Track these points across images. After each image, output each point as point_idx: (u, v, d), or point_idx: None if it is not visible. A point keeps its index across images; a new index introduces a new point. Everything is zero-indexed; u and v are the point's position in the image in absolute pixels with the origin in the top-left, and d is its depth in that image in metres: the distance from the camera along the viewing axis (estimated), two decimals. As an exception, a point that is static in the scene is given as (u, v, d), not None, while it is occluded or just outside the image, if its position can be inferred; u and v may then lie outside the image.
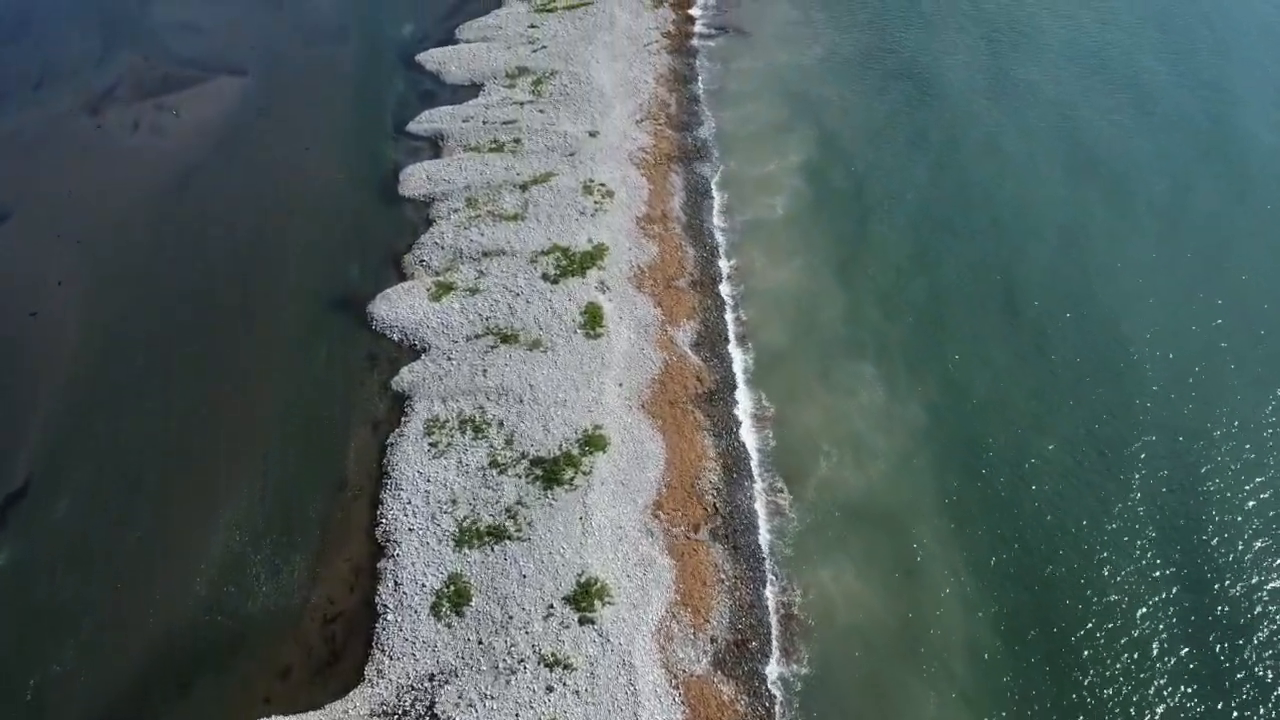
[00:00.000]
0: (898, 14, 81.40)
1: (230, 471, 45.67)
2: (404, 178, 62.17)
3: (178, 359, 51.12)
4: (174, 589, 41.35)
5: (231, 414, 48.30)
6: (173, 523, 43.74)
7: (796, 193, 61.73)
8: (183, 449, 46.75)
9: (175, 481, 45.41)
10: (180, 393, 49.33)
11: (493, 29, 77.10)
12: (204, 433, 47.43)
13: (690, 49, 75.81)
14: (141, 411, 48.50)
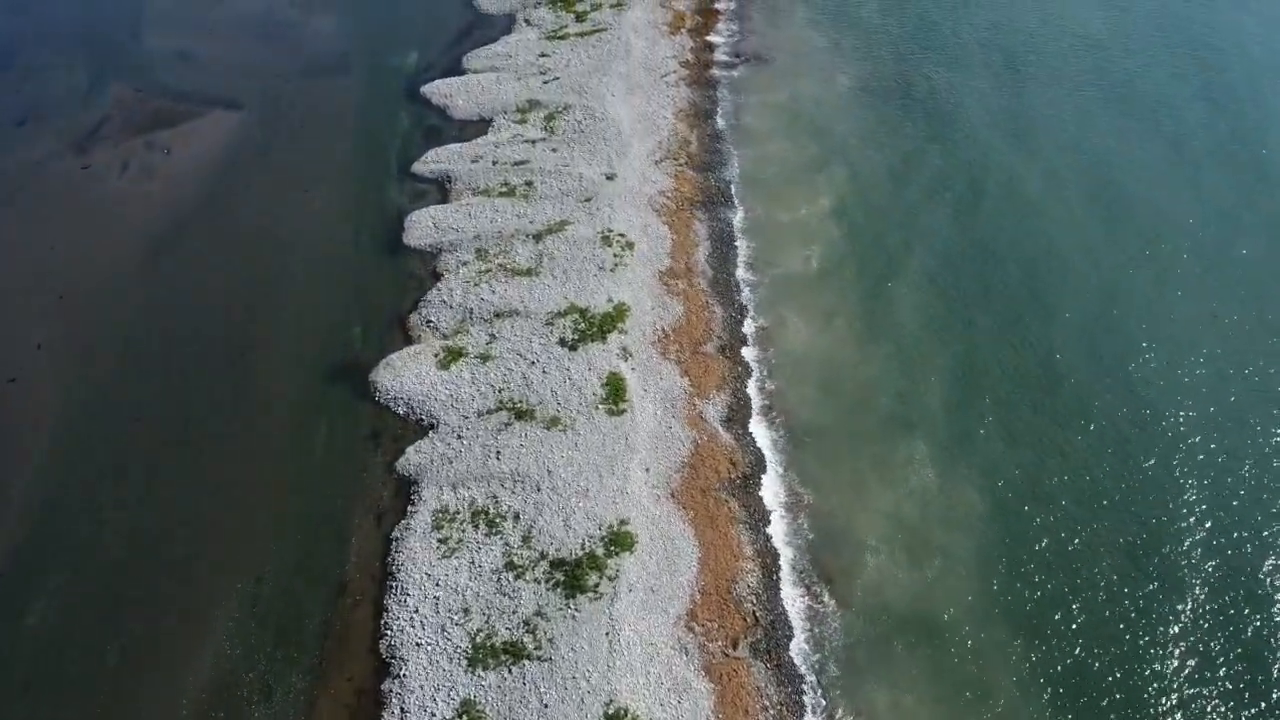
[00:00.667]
0: (920, 41, 76.31)
1: (221, 573, 40.98)
2: (409, 225, 57.33)
3: (165, 438, 46.42)
4: (158, 716, 36.75)
5: (223, 504, 43.61)
6: (157, 634, 39.09)
7: (827, 242, 56.86)
8: (169, 546, 42.06)
9: (160, 585, 40.72)
10: (167, 479, 44.62)
11: (502, 58, 72.14)
12: (192, 526, 42.74)
13: (710, 79, 70.83)
14: (124, 501, 43.82)
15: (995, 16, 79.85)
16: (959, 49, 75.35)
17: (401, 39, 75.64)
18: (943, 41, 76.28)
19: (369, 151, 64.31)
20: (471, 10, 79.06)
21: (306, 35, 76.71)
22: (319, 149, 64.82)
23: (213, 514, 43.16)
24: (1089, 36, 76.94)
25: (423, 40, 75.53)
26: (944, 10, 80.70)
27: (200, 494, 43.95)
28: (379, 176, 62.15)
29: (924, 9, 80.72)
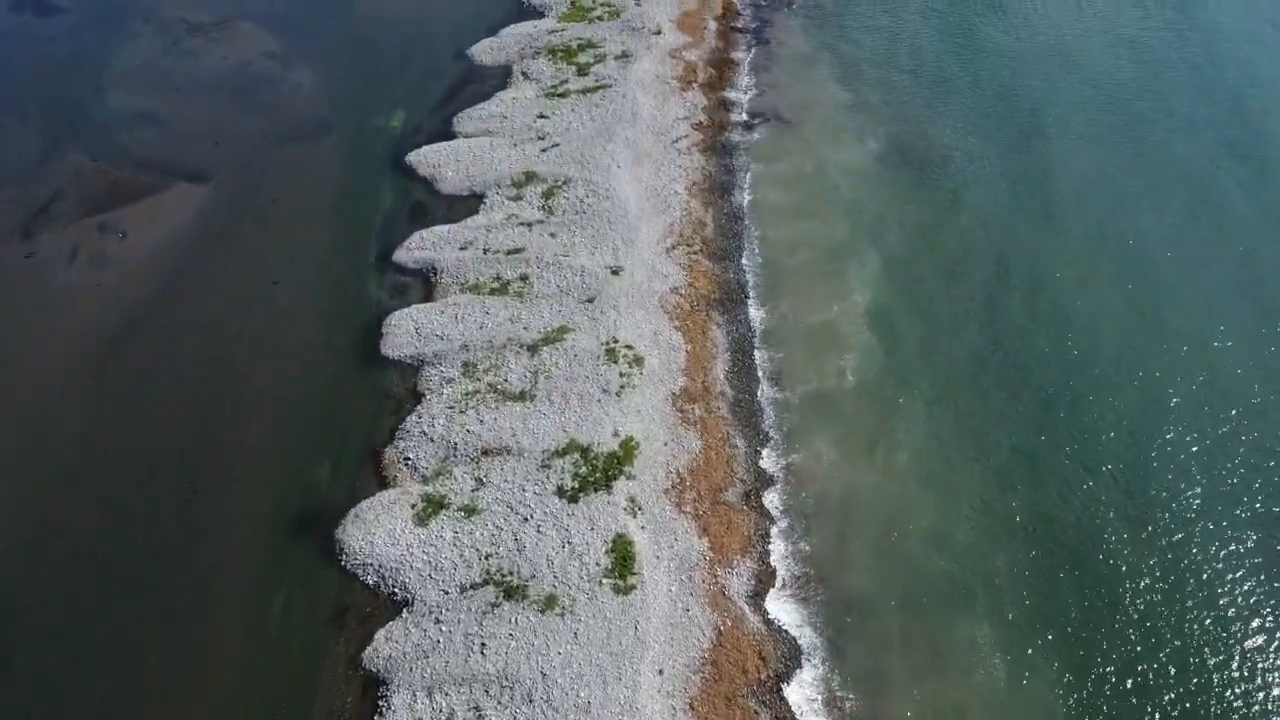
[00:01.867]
0: (956, 96, 67.61)
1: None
2: (388, 330, 49.06)
3: (96, 620, 38.28)
4: None
5: (161, 708, 35.56)
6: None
7: (862, 350, 48.47)
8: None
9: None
10: (95, 676, 36.54)
11: (496, 119, 63.61)
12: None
13: (726, 145, 62.24)
14: (47, 700, 35.80)
15: (1022, 67, 71.16)
16: (991, 105, 66.63)
17: (388, 95, 67.15)
18: (977, 97, 67.58)
19: (347, 234, 55.97)
20: (465, 62, 70.50)
21: (285, 92, 68.21)
22: (291, 230, 56.49)
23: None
24: (1114, 93, 68.23)
25: (411, 97, 67.04)
26: (974, 60, 72.04)
27: (121, 693, 35.87)
28: (357, 265, 53.83)
29: (949, 61, 72.03)
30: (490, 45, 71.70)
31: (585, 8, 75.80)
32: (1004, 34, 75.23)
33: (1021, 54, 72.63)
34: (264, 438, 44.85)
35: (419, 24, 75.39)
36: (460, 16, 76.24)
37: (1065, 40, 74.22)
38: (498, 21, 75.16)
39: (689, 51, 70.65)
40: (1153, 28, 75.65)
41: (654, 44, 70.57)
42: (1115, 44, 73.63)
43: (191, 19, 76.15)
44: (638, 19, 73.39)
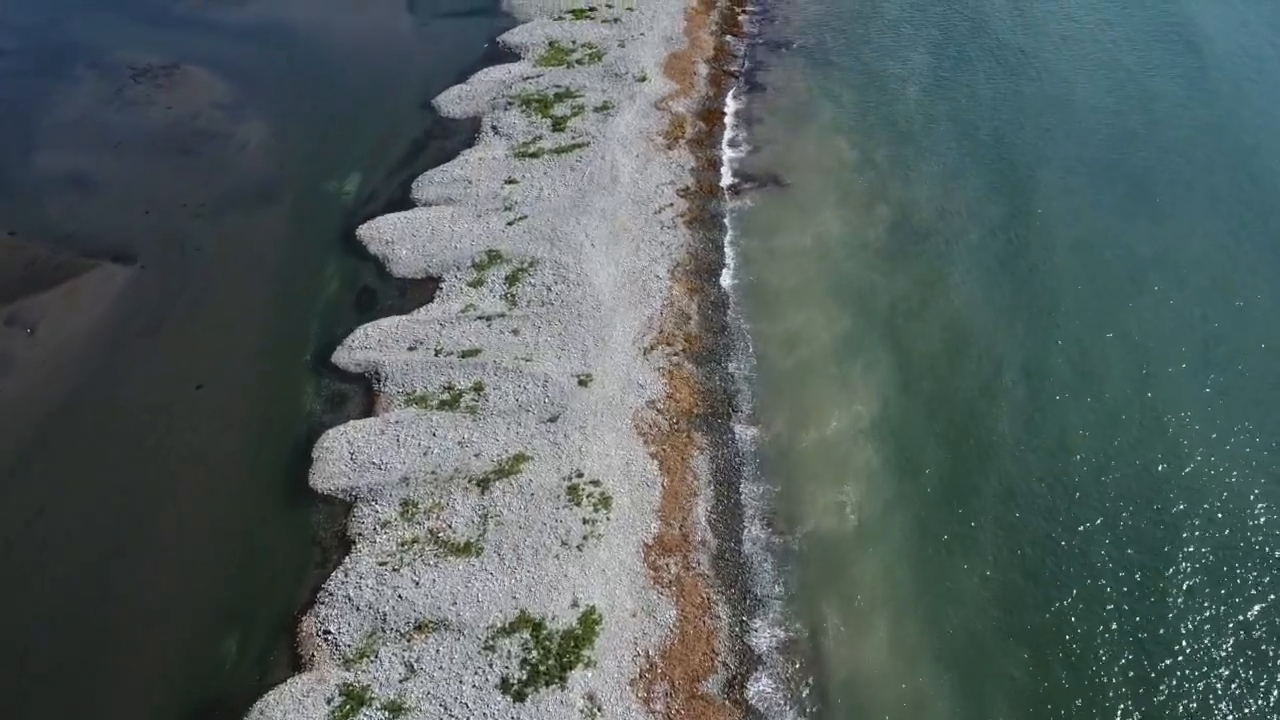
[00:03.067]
0: (976, 152, 59.20)
1: None
2: (319, 455, 41.12)
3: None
4: None
5: None
6: None
7: (868, 479, 40.35)
8: None
9: None
10: None
11: (459, 184, 55.44)
12: None
13: (715, 214, 53.96)
14: None
15: (1055, 119, 62.65)
16: (1016, 163, 58.22)
17: (344, 153, 59.06)
18: (1000, 153, 59.15)
19: (284, 327, 47.98)
20: (430, 113, 62.32)
21: (231, 151, 60.08)
22: (223, 322, 48.52)
23: None
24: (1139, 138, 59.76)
25: (369, 155, 58.93)
26: (994, 108, 63.57)
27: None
28: (292, 368, 45.85)
29: (966, 108, 63.55)
30: (459, 94, 63.49)
31: (565, 50, 67.49)
32: (1030, 81, 66.66)
33: (1056, 103, 64.06)
34: (166, 597, 37.05)
35: (385, 68, 67.26)
36: (430, 59, 68.11)
37: (1099, 87, 65.68)
38: (470, 65, 67.00)
39: (676, 101, 62.27)
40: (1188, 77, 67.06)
41: (638, 93, 62.24)
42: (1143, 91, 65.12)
43: (139, 62, 68.08)
44: (621, 63, 65.08)
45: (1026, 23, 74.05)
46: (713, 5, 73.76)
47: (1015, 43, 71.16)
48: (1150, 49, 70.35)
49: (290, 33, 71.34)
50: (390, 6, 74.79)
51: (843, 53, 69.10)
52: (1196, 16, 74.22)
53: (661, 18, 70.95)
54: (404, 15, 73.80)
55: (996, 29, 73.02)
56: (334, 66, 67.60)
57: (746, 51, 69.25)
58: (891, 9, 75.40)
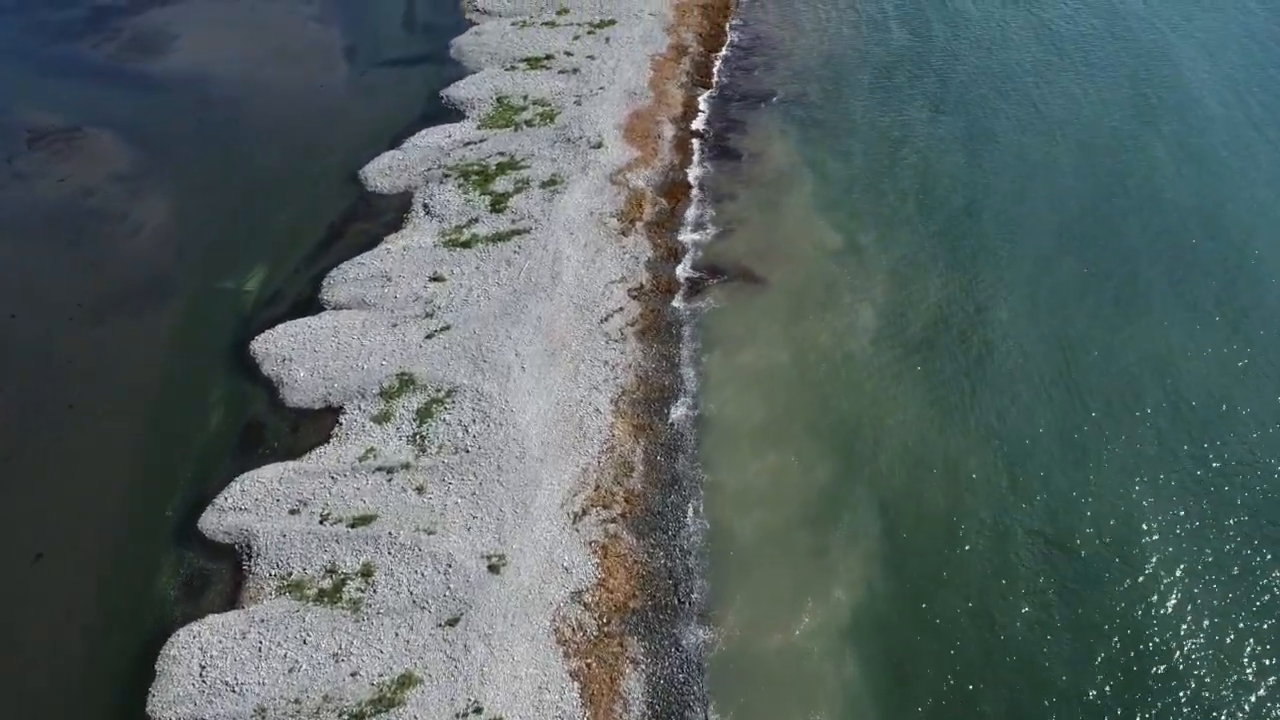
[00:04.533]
0: (980, 235, 49.37)
1: None
2: (164, 669, 31.76)
3: None
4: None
5: None
6: None
7: (847, 705, 30.83)
8: None
9: None
10: None
11: (377, 281, 45.86)
12: None
13: (672, 321, 44.24)
14: None
15: (1074, 188, 52.77)
16: (1027, 245, 48.43)
17: (252, 239, 49.52)
18: (1008, 235, 49.32)
19: (152, 473, 38.55)
20: (355, 188, 52.68)
21: (122, 235, 50.50)
22: (81, 466, 39.09)
23: None
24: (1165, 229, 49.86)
25: (280, 242, 49.35)
26: (1001, 174, 53.68)
27: None
28: (151, 534, 36.44)
29: (968, 178, 53.66)
30: (391, 163, 53.79)
31: (514, 107, 57.68)
32: (1040, 136, 56.68)
33: (1074, 172, 54.14)
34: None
35: (311, 130, 57.56)
36: (363, 119, 58.38)
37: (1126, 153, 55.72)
38: (407, 126, 57.27)
39: (636, 172, 52.44)
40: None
41: (592, 163, 52.48)
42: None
43: (39, 124, 58.50)
44: (575, 125, 55.26)
45: (1030, 67, 64.00)
46: (684, 52, 63.77)
47: (1020, 91, 61.14)
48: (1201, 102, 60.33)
49: (210, 86, 61.64)
50: (325, 55, 65.03)
51: (828, 108, 59.14)
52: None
53: (625, 67, 61.04)
54: (339, 65, 64.04)
55: (999, 75, 62.98)
56: (254, 128, 57.93)
57: (719, 108, 59.30)
58: (883, 54, 65.36)
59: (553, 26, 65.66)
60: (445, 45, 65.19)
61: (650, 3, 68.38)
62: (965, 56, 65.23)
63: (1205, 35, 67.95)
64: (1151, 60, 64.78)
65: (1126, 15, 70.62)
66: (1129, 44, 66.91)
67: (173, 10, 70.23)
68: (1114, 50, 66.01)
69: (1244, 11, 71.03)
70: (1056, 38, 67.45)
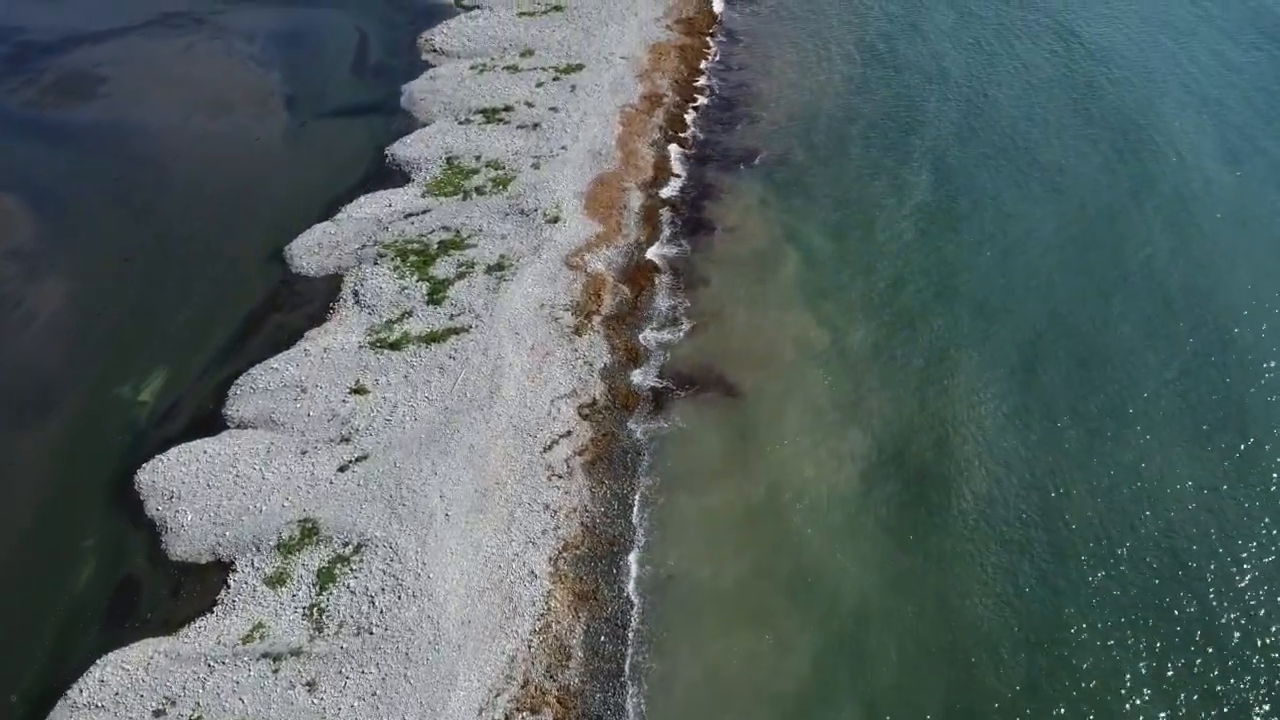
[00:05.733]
0: (991, 330, 41.98)
1: None
2: None
3: None
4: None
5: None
6: None
7: None
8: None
9: None
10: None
11: (290, 393, 38.52)
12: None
13: (629, 448, 36.84)
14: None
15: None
16: (1044, 347, 41.09)
17: (156, 333, 42.15)
18: (1023, 332, 41.96)
19: (3, 650, 31.45)
20: (279, 269, 45.29)
21: (12, 328, 43.05)
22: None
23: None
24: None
25: (187, 337, 41.99)
26: (1019, 252, 46.25)
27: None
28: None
29: (975, 261, 46.23)
30: (322, 238, 46.38)
31: (464, 170, 50.19)
32: (1047, 205, 49.21)
33: (1097, 244, 46.73)
34: None
35: (238, 193, 50.09)
36: (297, 181, 50.92)
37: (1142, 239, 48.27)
38: (345, 190, 49.87)
39: (596, 252, 45.00)
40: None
41: (546, 241, 45.06)
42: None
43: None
44: (531, 194, 47.79)
45: (1028, 117, 56.46)
46: (657, 103, 56.10)
47: (1020, 149, 53.64)
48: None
49: (134, 140, 54.10)
50: (263, 102, 57.37)
51: (816, 170, 51.63)
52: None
53: (591, 121, 53.44)
54: (278, 115, 56.37)
55: (996, 128, 55.44)
56: (175, 191, 50.47)
57: (694, 170, 51.75)
58: (872, 103, 57.73)
59: (515, 72, 57.99)
60: (396, 92, 57.55)
61: (623, 44, 60.68)
62: (959, 108, 57.62)
63: (1208, 85, 60.27)
64: (1151, 113, 57.14)
65: (1136, 62, 62.94)
66: (1131, 91, 59.25)
67: (104, 49, 62.50)
68: (1116, 102, 58.30)
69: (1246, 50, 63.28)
70: (1053, 85, 59.79)
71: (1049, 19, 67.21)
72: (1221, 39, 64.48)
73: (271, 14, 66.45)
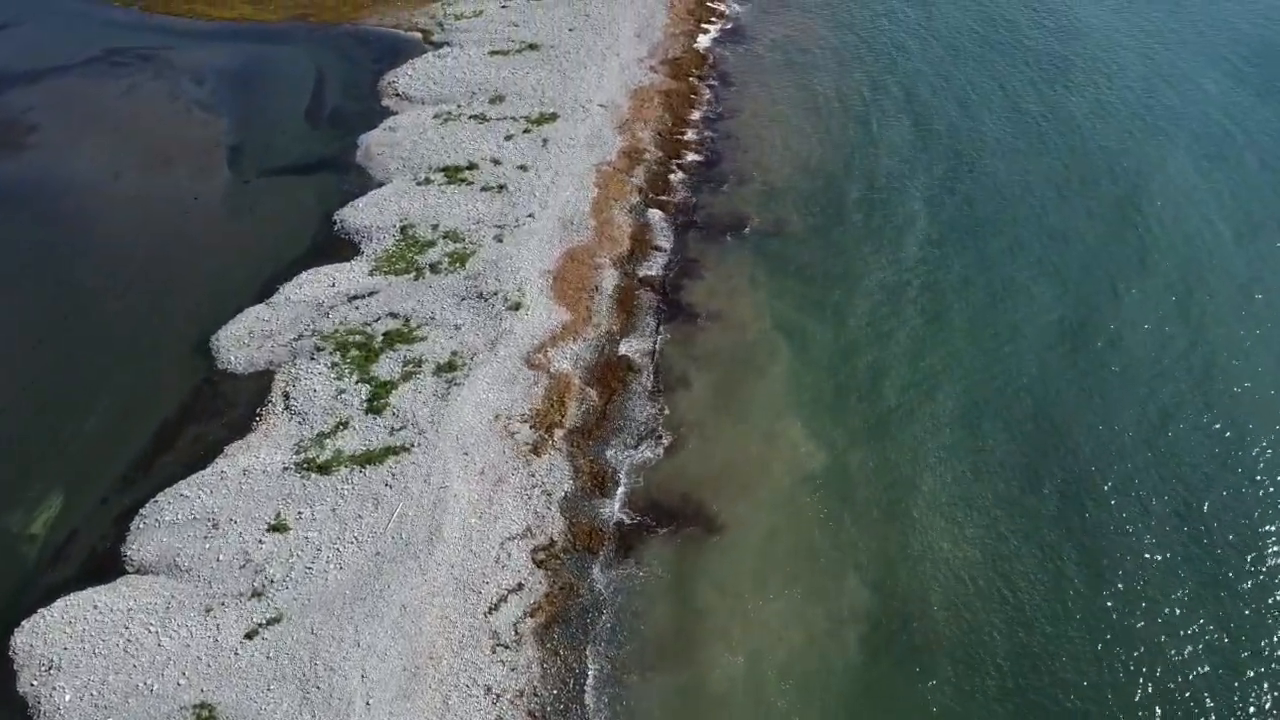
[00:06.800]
0: (1019, 451, 35.83)
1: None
2: None
3: None
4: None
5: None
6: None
7: None
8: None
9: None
10: None
11: (200, 529, 32.43)
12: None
13: (589, 604, 30.61)
14: None
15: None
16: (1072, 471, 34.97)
17: (52, 447, 36.07)
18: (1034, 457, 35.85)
19: None
20: (204, 364, 39.14)
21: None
22: None
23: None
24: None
25: (93, 448, 35.99)
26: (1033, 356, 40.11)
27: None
28: None
29: (984, 357, 40.08)
30: (254, 325, 40.22)
31: (420, 242, 44.03)
32: (1071, 286, 43.05)
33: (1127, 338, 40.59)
34: None
35: (169, 267, 44.04)
36: (235, 250, 44.93)
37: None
38: (287, 263, 43.74)
39: (562, 347, 38.82)
40: None
41: (505, 332, 38.93)
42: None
43: None
44: (492, 273, 41.65)
45: (1042, 175, 50.32)
46: (638, 159, 49.83)
47: (1036, 214, 47.54)
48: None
49: (58, 200, 47.97)
50: (205, 156, 51.14)
51: (812, 241, 45.49)
52: None
53: (563, 183, 47.21)
54: (220, 171, 50.14)
55: (1010, 187, 49.32)
56: (98, 263, 44.41)
57: (677, 240, 45.54)
58: (874, 158, 51.59)
59: (482, 121, 51.68)
60: (352, 144, 51.34)
61: (602, 89, 54.33)
62: (966, 162, 51.41)
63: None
64: (1161, 176, 50.98)
65: (1154, 109, 56.72)
66: (1149, 149, 53.09)
67: (38, 90, 56.28)
68: (1139, 160, 52.16)
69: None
70: (1075, 143, 53.61)
71: (1069, 68, 60.90)
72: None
73: (225, 50, 60.17)
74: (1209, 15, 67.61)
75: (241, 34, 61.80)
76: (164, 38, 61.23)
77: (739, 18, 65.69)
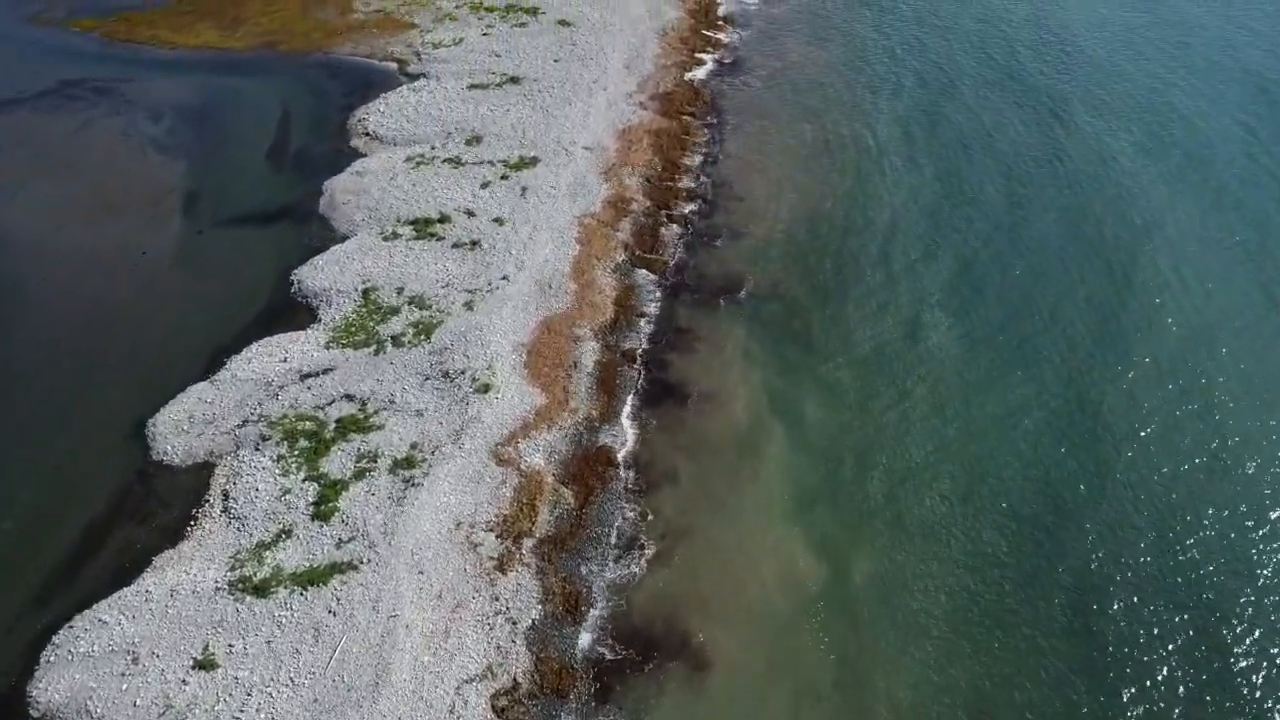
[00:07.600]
0: (1041, 564, 31.37)
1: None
2: None
3: None
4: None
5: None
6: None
7: None
8: None
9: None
10: None
11: (117, 663, 28.04)
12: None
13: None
14: None
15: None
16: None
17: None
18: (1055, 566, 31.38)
19: None
20: (138, 453, 34.65)
21: None
22: None
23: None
24: None
25: (5, 558, 31.50)
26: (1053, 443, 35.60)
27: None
28: None
29: (1001, 446, 35.55)
30: (195, 408, 35.73)
31: (383, 309, 39.51)
32: (1095, 360, 38.51)
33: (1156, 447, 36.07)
34: None
35: (107, 335, 39.61)
36: (180, 315, 40.52)
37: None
38: (236, 332, 39.19)
39: (534, 438, 34.28)
40: None
41: (472, 420, 34.41)
42: None
43: None
44: (460, 347, 37.11)
45: (1057, 225, 45.79)
46: (624, 211, 45.22)
47: (1052, 272, 43.03)
48: None
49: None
50: (156, 203, 46.69)
51: (813, 307, 40.94)
52: None
53: (542, 238, 42.65)
54: (171, 221, 45.65)
55: (1020, 242, 44.82)
56: (29, 331, 40.00)
57: (665, 306, 40.95)
58: (879, 211, 47.04)
59: (457, 166, 47.13)
60: (316, 190, 46.86)
61: (587, 129, 49.70)
62: (976, 213, 46.90)
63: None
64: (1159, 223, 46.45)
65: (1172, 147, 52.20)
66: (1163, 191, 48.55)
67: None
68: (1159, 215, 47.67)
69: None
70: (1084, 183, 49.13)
71: (1098, 107, 56.26)
72: None
73: (187, 83, 55.56)
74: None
75: (205, 64, 57.18)
76: (123, 68, 56.66)
77: (737, 47, 60.94)
